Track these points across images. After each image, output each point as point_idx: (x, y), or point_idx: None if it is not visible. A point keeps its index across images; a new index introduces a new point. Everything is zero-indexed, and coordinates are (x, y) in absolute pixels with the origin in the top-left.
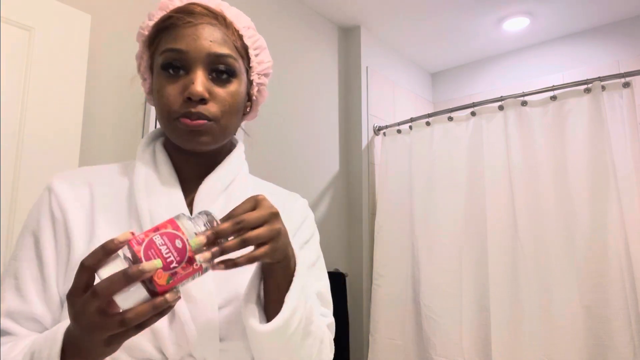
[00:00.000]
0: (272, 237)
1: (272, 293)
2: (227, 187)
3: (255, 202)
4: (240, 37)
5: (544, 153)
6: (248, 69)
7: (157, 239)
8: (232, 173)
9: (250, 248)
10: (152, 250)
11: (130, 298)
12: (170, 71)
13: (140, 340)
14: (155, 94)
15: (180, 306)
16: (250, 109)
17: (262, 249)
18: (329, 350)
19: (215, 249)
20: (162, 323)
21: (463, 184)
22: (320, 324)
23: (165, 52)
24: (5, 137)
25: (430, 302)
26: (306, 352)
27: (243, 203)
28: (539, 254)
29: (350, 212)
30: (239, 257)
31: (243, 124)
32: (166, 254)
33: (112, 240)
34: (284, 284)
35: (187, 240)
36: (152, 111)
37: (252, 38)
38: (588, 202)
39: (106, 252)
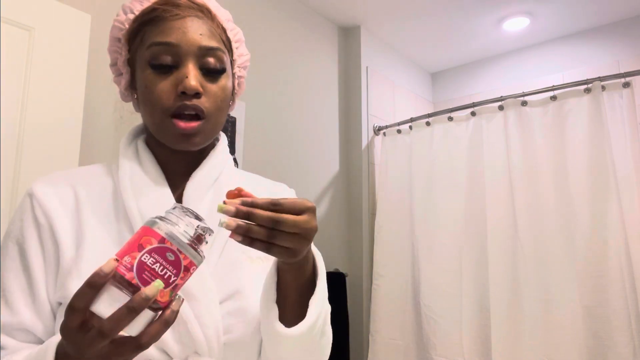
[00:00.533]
0: (298, 248)
1: (284, 292)
2: (215, 181)
3: (304, 209)
4: (224, 30)
5: (544, 153)
6: (232, 61)
7: (147, 259)
8: (218, 167)
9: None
10: (147, 273)
11: (137, 324)
12: (160, 66)
13: None
14: (142, 91)
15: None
16: (231, 102)
17: (283, 252)
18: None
19: (244, 209)
20: None
21: (463, 184)
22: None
23: (154, 46)
24: (5, 137)
25: (430, 302)
26: (320, 351)
27: (294, 201)
28: (539, 254)
29: (350, 212)
30: (257, 239)
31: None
32: (162, 271)
33: (97, 274)
34: (295, 285)
35: (177, 249)
36: None
37: (233, 31)
38: (588, 202)
39: (95, 288)
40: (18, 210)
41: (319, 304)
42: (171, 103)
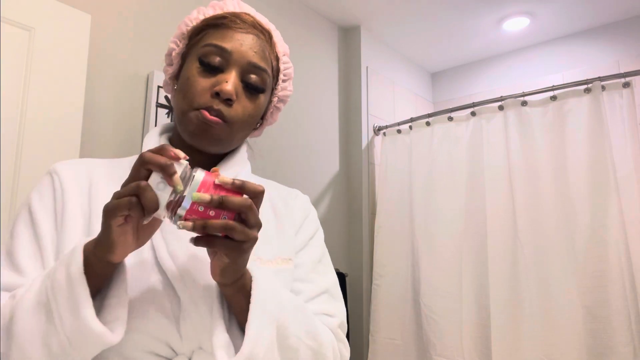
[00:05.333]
0: (249, 239)
1: (236, 316)
2: None
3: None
4: (277, 59)
5: (544, 153)
6: (273, 89)
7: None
8: (235, 170)
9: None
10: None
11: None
12: (208, 64)
13: (150, 336)
14: (183, 81)
15: (188, 300)
16: (259, 126)
17: (231, 244)
18: (333, 354)
19: (200, 221)
20: (171, 318)
21: (463, 184)
22: (316, 332)
23: (209, 46)
24: (5, 137)
25: (430, 302)
26: None
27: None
28: (539, 253)
29: (350, 212)
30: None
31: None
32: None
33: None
34: (239, 309)
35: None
36: (152, 111)
37: (286, 64)
38: (588, 202)
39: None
40: (37, 184)
41: (255, 328)
42: (202, 100)
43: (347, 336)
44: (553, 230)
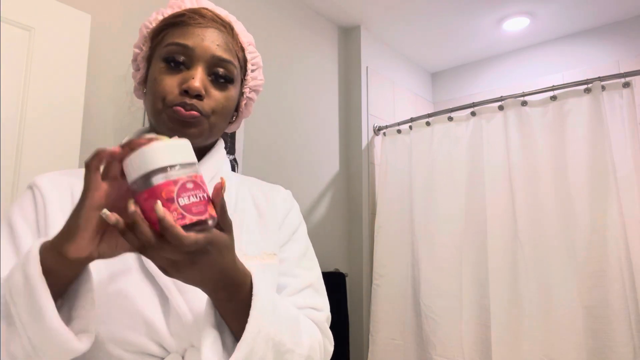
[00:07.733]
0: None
1: (226, 320)
2: (211, 180)
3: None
4: (243, 49)
5: (544, 153)
6: (243, 80)
7: (184, 201)
8: (215, 168)
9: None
10: (194, 207)
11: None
12: (172, 64)
13: (138, 336)
14: (151, 83)
15: (175, 298)
16: (235, 119)
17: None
18: (319, 354)
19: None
20: (158, 317)
21: (463, 184)
22: (304, 338)
23: (171, 46)
24: (5, 137)
25: (430, 302)
26: None
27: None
28: (539, 253)
29: (350, 212)
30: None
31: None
32: (197, 198)
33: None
34: (229, 315)
35: (187, 178)
36: None
37: (252, 54)
38: (588, 202)
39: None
40: (18, 198)
41: (249, 344)
42: (173, 97)
43: (347, 336)
44: (553, 230)
